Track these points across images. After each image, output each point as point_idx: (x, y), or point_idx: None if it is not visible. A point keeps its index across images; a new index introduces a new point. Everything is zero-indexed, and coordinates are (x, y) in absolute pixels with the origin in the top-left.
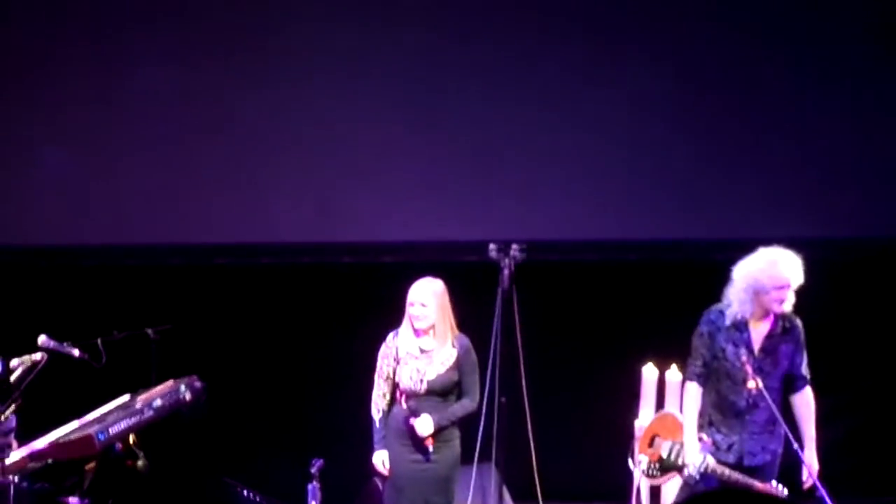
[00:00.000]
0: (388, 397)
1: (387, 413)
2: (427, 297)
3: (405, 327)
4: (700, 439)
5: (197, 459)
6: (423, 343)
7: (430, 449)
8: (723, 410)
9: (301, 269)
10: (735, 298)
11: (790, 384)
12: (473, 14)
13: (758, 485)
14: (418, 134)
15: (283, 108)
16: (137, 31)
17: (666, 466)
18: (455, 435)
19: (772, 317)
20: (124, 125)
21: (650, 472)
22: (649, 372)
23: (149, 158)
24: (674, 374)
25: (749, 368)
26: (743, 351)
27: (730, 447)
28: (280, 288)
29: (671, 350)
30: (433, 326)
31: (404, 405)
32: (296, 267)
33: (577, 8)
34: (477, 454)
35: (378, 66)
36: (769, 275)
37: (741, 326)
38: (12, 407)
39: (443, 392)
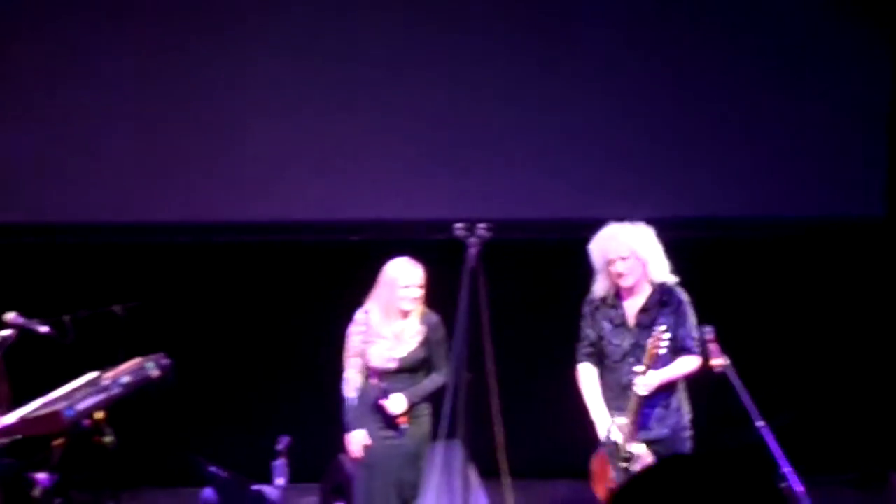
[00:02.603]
0: (360, 375)
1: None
2: (421, 280)
3: (378, 306)
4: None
5: (164, 436)
6: (395, 324)
7: (404, 427)
8: (612, 389)
9: (267, 247)
10: (596, 278)
11: (676, 355)
12: None
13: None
14: (385, 112)
15: (253, 87)
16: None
17: (622, 456)
18: (425, 411)
19: (648, 289)
20: (102, 100)
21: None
22: None
23: (121, 135)
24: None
25: (714, 347)
26: (616, 327)
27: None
28: (246, 265)
29: None
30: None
31: (374, 383)
32: (262, 245)
33: None
34: (443, 432)
35: (347, 47)
36: (598, 250)
37: (613, 302)
38: None
39: (413, 369)
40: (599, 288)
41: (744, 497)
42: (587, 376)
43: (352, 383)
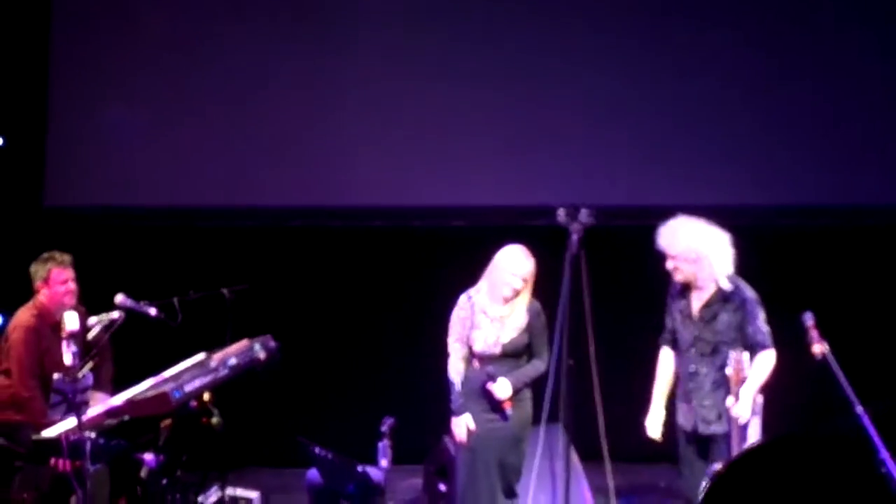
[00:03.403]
0: (465, 360)
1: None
2: (528, 273)
3: (485, 292)
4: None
5: (271, 418)
6: (501, 309)
7: (509, 411)
8: (681, 376)
9: (373, 232)
10: (672, 273)
11: (750, 351)
12: None
13: None
14: (488, 98)
15: (352, 73)
16: None
17: None
18: (527, 395)
19: (712, 286)
20: (200, 88)
21: None
22: None
23: (223, 121)
24: None
25: (814, 333)
26: (684, 318)
27: (685, 414)
28: (352, 250)
29: None
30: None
31: (478, 367)
32: (368, 230)
33: None
34: (545, 415)
35: (445, 30)
36: (661, 245)
37: (684, 293)
38: (90, 364)
39: (515, 354)
40: (675, 280)
41: (844, 481)
42: (662, 362)
43: (455, 367)
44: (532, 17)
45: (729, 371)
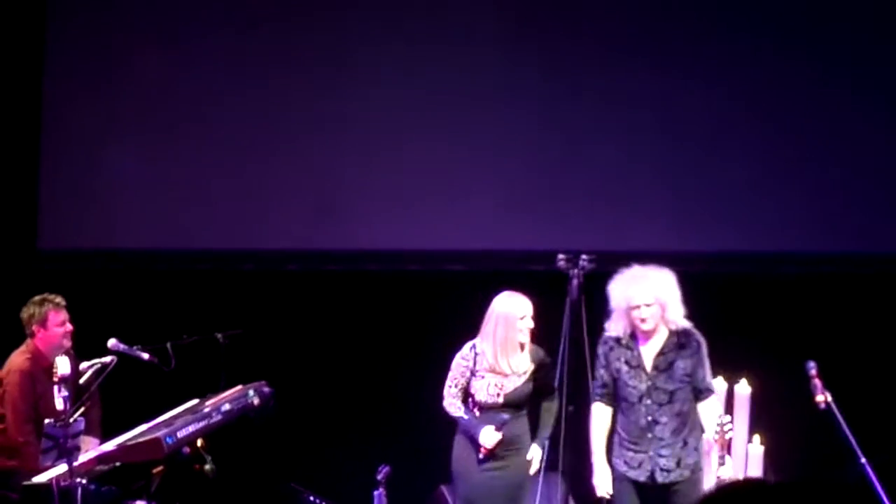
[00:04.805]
0: (461, 406)
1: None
2: (532, 311)
3: (490, 343)
4: None
5: (264, 464)
6: (508, 359)
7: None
8: (631, 428)
9: (369, 277)
10: (612, 318)
11: (697, 396)
12: (545, 23)
13: None
14: (488, 143)
15: (351, 116)
16: (211, 37)
17: None
18: (526, 442)
19: (665, 333)
20: (198, 131)
21: None
22: (718, 384)
23: (219, 164)
24: (743, 387)
25: (818, 382)
26: (632, 369)
27: (640, 465)
28: (348, 294)
29: (740, 363)
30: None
31: (478, 416)
32: (364, 274)
33: (647, 18)
34: (544, 464)
35: (444, 76)
36: (621, 293)
37: (629, 343)
38: (81, 409)
39: (518, 405)
40: (615, 328)
41: None
42: (597, 418)
43: (454, 404)
44: (531, 63)
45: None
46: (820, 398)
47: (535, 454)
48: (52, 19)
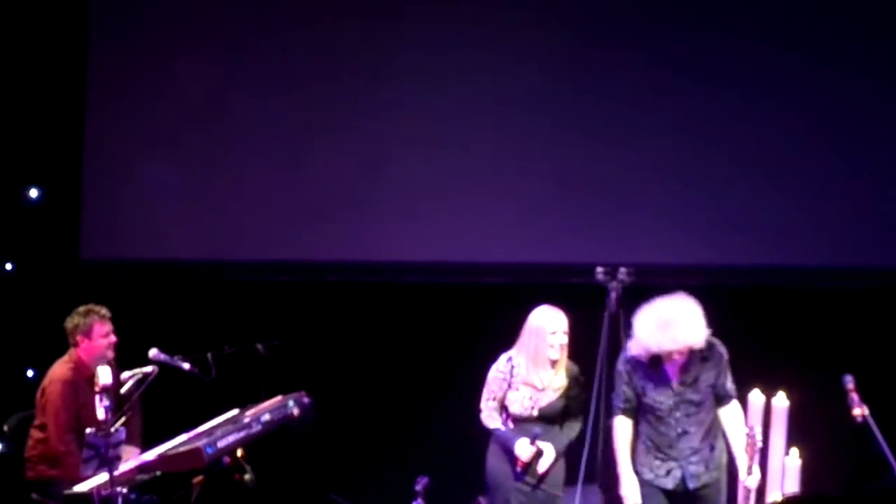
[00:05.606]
0: (498, 418)
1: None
2: (566, 326)
3: (525, 356)
4: None
5: (304, 475)
6: (541, 374)
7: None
8: (661, 438)
9: (408, 288)
10: (636, 343)
11: (718, 401)
12: (585, 38)
13: None
14: (526, 155)
15: (388, 129)
16: (252, 47)
17: None
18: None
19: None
20: (236, 142)
21: None
22: (756, 397)
23: (259, 175)
24: (780, 400)
25: (855, 396)
26: (658, 387)
27: (668, 472)
28: (387, 306)
29: (777, 376)
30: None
31: (512, 428)
32: (403, 286)
33: (688, 34)
34: (582, 476)
35: (478, 86)
36: (652, 341)
37: (652, 364)
38: (122, 419)
39: (552, 419)
40: (640, 353)
41: None
42: (622, 431)
43: (491, 416)
44: (568, 74)
45: (742, 445)
46: (857, 412)
47: (549, 453)
48: (95, 31)
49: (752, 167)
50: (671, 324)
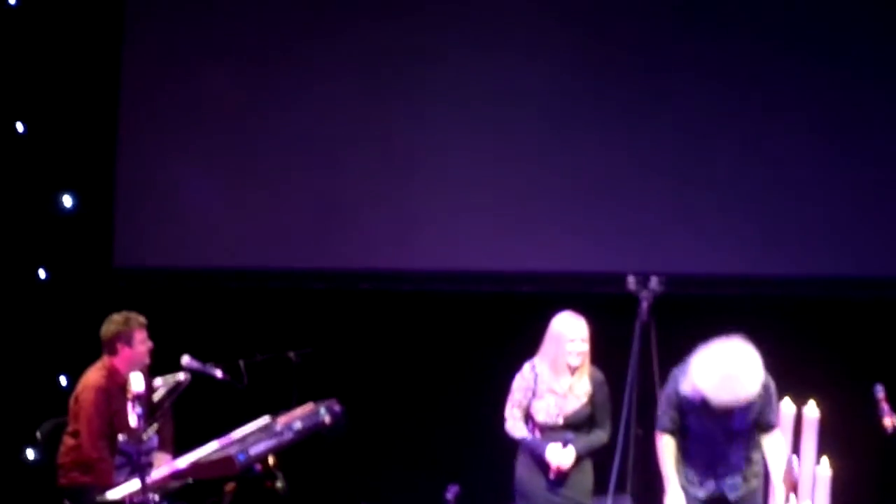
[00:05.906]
0: (523, 427)
1: None
2: (585, 334)
3: (546, 362)
4: None
5: (335, 482)
6: (563, 380)
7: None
8: (700, 457)
9: (440, 297)
10: (693, 392)
11: (761, 430)
12: (607, 44)
13: None
14: (557, 164)
15: (423, 138)
16: (285, 55)
17: None
18: (588, 465)
19: None
20: (270, 149)
21: None
22: (786, 407)
23: (292, 183)
24: (811, 409)
25: (886, 406)
26: (705, 418)
27: (702, 483)
28: (419, 314)
29: (808, 385)
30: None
31: (539, 437)
32: (435, 294)
33: (718, 40)
34: (612, 485)
35: (510, 97)
36: (717, 398)
37: (705, 401)
38: (154, 426)
39: (578, 426)
40: (694, 397)
41: None
42: (666, 447)
43: (516, 426)
44: (600, 83)
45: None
46: (888, 421)
47: (565, 452)
48: (129, 37)
49: (785, 178)
50: (734, 381)
